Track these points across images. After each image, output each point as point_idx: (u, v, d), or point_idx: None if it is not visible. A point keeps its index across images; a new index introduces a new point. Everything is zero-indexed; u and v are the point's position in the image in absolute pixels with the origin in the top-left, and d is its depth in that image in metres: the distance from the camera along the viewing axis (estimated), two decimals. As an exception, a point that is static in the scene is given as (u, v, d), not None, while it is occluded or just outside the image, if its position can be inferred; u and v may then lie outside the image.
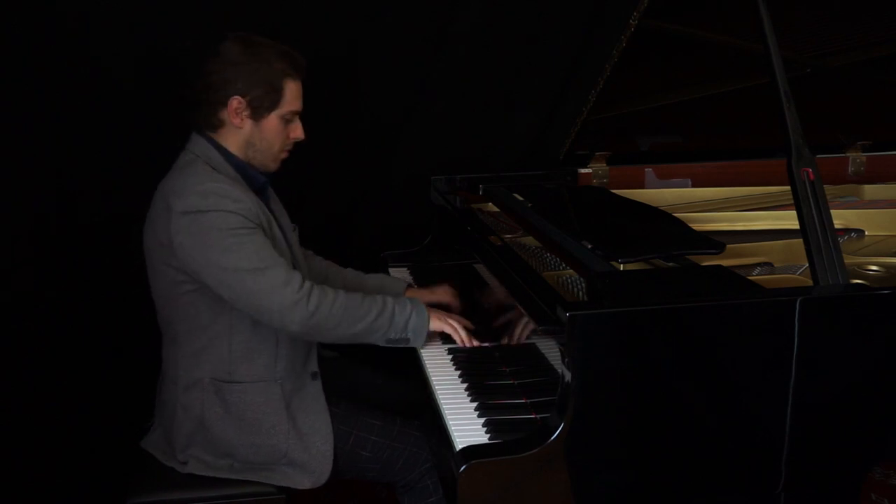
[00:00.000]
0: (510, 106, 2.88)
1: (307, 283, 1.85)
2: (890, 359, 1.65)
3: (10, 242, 2.42)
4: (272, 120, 1.93)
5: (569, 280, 1.97)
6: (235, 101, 1.88)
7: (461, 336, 2.02)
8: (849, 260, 2.04)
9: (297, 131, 2.01)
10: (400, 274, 2.61)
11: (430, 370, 1.97)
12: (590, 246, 1.92)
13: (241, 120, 1.91)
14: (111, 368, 2.63)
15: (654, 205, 2.36)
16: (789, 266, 2.07)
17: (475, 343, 2.04)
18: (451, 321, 2.03)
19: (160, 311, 1.98)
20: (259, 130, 1.93)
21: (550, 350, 1.76)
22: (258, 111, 1.91)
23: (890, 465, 2.90)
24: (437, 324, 2.01)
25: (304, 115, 2.74)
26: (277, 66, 1.90)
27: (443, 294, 2.26)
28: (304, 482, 1.90)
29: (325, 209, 2.86)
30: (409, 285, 2.32)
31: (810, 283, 1.70)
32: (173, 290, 1.89)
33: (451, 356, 2.03)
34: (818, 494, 1.71)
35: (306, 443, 1.91)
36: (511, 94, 2.86)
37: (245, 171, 1.95)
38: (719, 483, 1.64)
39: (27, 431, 2.51)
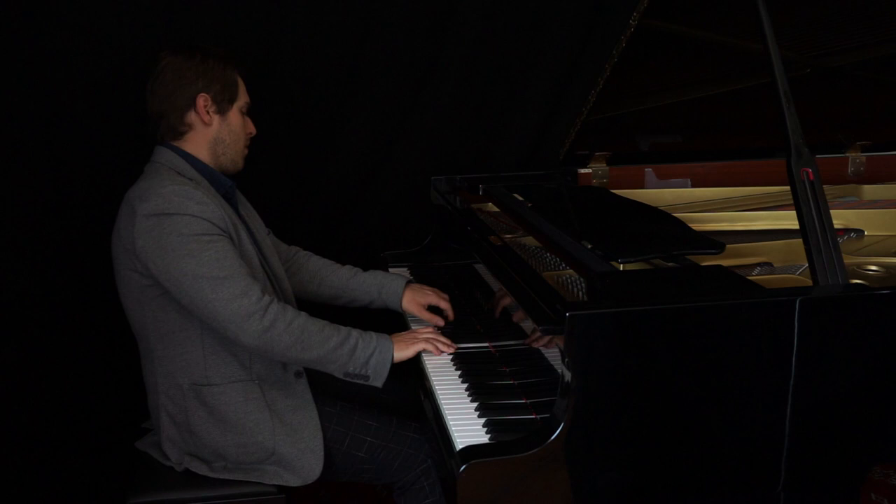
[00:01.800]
0: (510, 106, 2.88)
1: (266, 297, 1.82)
2: (890, 359, 1.65)
3: (10, 243, 2.42)
4: (234, 113, 2.01)
5: (569, 280, 1.97)
6: (202, 99, 1.94)
7: (435, 348, 2.02)
8: (849, 260, 2.04)
9: (251, 126, 2.08)
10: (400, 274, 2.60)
11: (430, 370, 1.98)
12: (590, 246, 1.92)
13: (210, 117, 1.96)
14: (111, 369, 2.63)
15: (654, 205, 2.36)
16: (789, 266, 2.07)
17: (452, 349, 2.04)
18: (417, 342, 2.00)
19: (131, 320, 1.97)
20: (227, 125, 2.00)
21: (550, 350, 1.76)
22: (222, 105, 1.98)
23: (890, 464, 2.90)
24: (402, 354, 1.96)
25: (307, 116, 2.74)
26: (226, 63, 1.98)
27: (435, 297, 2.24)
28: (293, 479, 1.90)
29: (325, 209, 2.86)
30: (409, 281, 2.30)
31: (810, 283, 1.70)
32: (141, 296, 1.89)
33: (451, 357, 2.03)
34: (818, 494, 1.71)
35: (295, 438, 1.91)
36: (511, 94, 2.86)
37: (211, 175, 1.97)
38: (719, 483, 1.64)
39: (27, 431, 2.51)
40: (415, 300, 2.22)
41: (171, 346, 1.90)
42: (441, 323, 2.19)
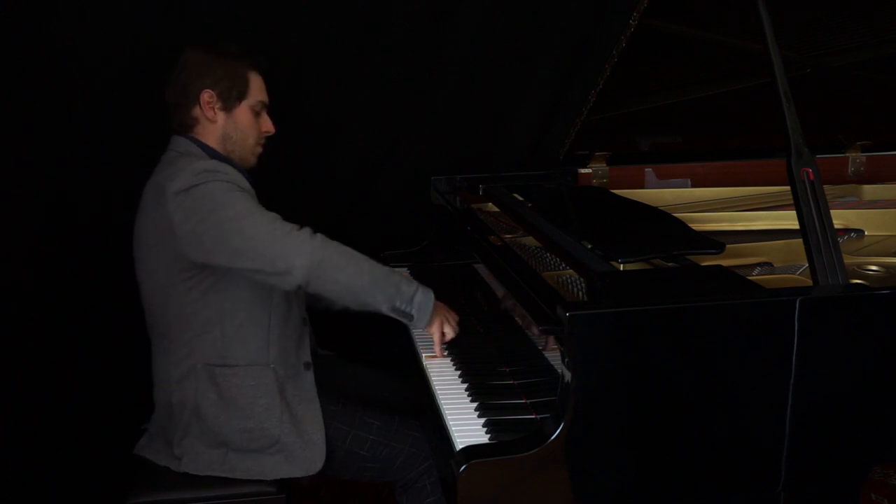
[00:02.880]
0: (510, 106, 2.88)
1: (304, 228, 1.86)
2: (890, 359, 1.65)
3: (9, 244, 2.42)
4: (243, 110, 2.01)
5: (569, 280, 1.97)
6: (206, 95, 1.97)
7: (453, 333, 2.02)
8: (849, 260, 2.04)
9: (268, 125, 2.07)
10: (400, 274, 2.61)
11: (430, 370, 1.98)
12: (590, 246, 1.92)
13: (214, 113, 1.98)
14: (112, 370, 2.63)
15: (654, 205, 2.36)
16: (789, 266, 2.07)
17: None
18: (451, 322, 2.01)
19: (151, 307, 1.98)
20: (233, 122, 2.01)
21: (550, 350, 1.76)
22: (228, 102, 1.99)
23: (890, 464, 2.89)
24: (436, 325, 1.98)
25: (307, 116, 2.74)
26: (239, 60, 2.00)
27: None
28: (295, 471, 1.91)
29: (325, 209, 2.86)
30: None
31: (810, 283, 1.70)
32: (168, 281, 1.90)
33: (451, 356, 2.03)
34: (818, 494, 1.71)
35: (299, 429, 1.92)
36: (511, 94, 2.86)
37: (228, 164, 1.98)
38: (719, 483, 1.64)
39: (26, 433, 2.51)
40: None
41: (190, 329, 1.92)
42: None
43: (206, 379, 1.92)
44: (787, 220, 2.40)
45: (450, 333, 2.01)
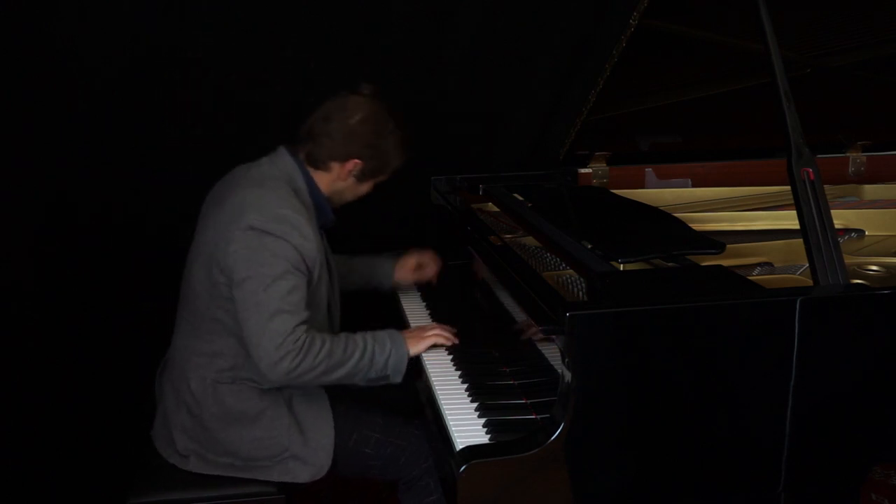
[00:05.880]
0: (510, 106, 2.88)
1: (303, 337, 1.82)
2: (890, 359, 1.65)
3: (10, 243, 2.42)
4: (369, 184, 2.07)
5: (569, 280, 1.97)
6: (351, 164, 1.98)
7: (445, 340, 2.04)
8: (849, 260, 2.04)
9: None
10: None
11: (430, 370, 1.98)
12: (590, 246, 1.92)
13: (347, 177, 2.00)
14: (111, 370, 2.63)
15: (654, 205, 2.36)
16: (789, 266, 2.07)
17: (456, 340, 2.06)
18: (429, 337, 2.03)
19: (190, 303, 1.97)
20: (355, 188, 2.06)
21: (550, 350, 1.76)
22: (364, 176, 2.03)
23: (890, 464, 2.89)
24: (415, 349, 2.00)
25: (306, 116, 2.74)
26: (399, 151, 2.03)
27: (415, 258, 2.39)
28: (303, 475, 1.91)
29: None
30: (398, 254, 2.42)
31: (810, 283, 1.70)
32: (212, 290, 1.90)
33: (451, 357, 2.03)
34: (818, 494, 1.71)
35: (307, 437, 1.92)
36: (511, 94, 2.86)
37: (320, 206, 2.00)
38: (719, 483, 1.64)
39: (26, 433, 2.51)
40: (400, 270, 2.38)
41: (219, 341, 1.92)
42: (431, 273, 2.39)
43: (212, 394, 1.92)
44: (787, 220, 2.39)
45: (432, 341, 2.03)
